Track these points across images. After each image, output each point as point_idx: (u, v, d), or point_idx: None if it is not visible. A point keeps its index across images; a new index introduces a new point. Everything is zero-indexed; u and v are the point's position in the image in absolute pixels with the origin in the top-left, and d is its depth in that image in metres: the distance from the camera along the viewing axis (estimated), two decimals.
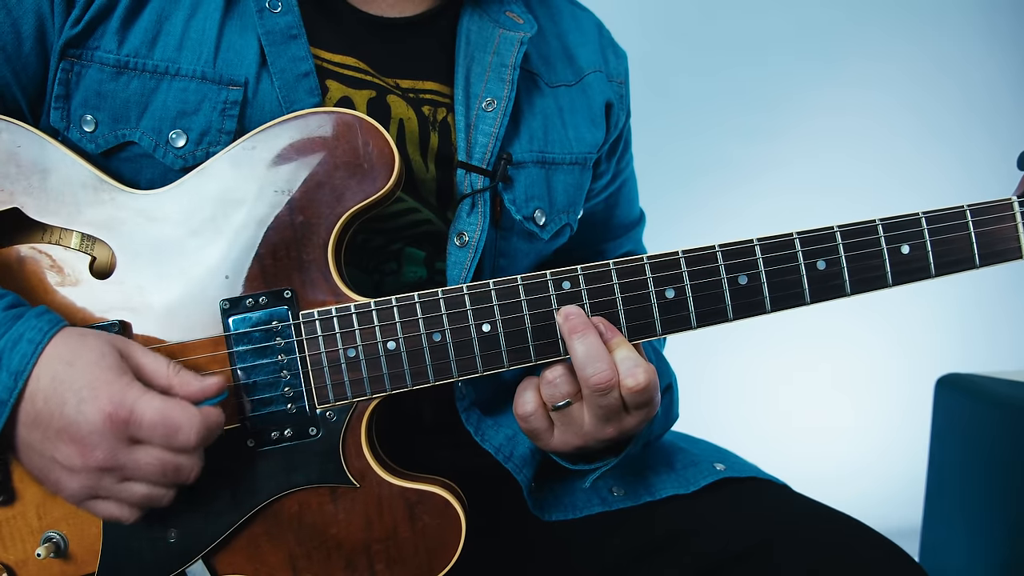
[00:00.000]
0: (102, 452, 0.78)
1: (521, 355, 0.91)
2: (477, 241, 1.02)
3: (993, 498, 1.75)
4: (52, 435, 0.79)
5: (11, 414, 0.79)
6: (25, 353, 0.79)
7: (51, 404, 0.78)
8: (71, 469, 0.79)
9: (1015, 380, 1.84)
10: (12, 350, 0.79)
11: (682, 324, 0.92)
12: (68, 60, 0.92)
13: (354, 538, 0.91)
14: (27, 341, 0.80)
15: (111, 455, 0.78)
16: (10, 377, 0.79)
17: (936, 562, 1.95)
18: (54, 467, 0.81)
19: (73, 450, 0.78)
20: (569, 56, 1.19)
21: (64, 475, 0.80)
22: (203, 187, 0.90)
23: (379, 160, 0.90)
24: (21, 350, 0.79)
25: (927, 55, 3.07)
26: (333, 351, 0.90)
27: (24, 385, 0.79)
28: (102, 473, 0.80)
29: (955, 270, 0.95)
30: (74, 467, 0.79)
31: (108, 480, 0.80)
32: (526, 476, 1.04)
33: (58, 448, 0.79)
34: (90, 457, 0.78)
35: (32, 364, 0.79)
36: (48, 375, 0.79)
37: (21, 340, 0.80)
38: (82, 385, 0.78)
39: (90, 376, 0.79)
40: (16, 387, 0.79)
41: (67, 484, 0.81)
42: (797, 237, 0.92)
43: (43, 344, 0.80)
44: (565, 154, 1.12)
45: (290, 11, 0.97)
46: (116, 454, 0.79)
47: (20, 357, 0.79)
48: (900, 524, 1.87)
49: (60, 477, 0.81)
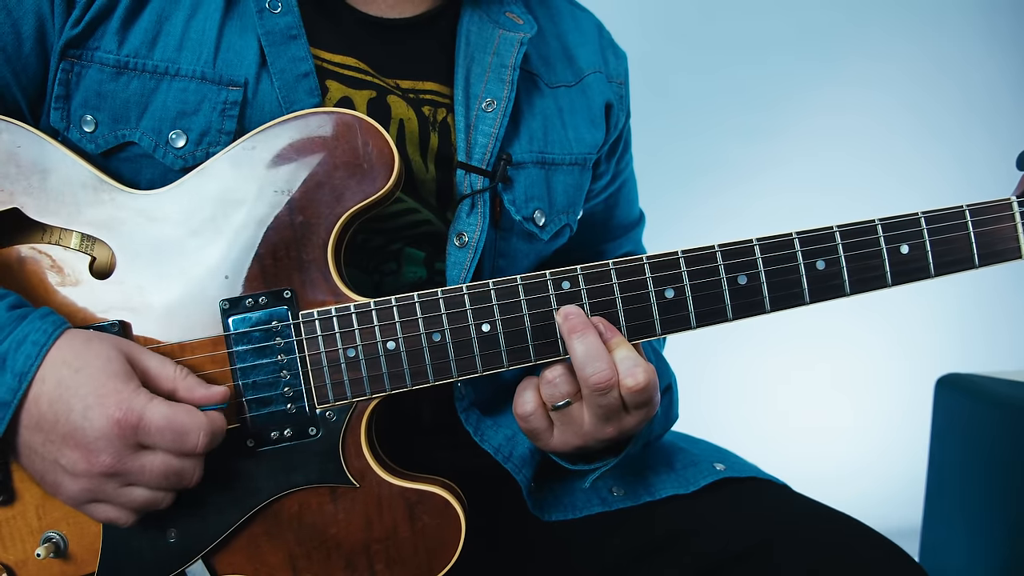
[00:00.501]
0: (108, 458, 0.79)
1: (521, 355, 0.91)
2: (477, 241, 1.02)
3: (993, 498, 1.75)
4: (56, 439, 0.79)
5: (14, 415, 0.80)
6: (29, 355, 0.79)
7: (56, 409, 0.79)
8: (74, 474, 0.80)
9: (1015, 380, 1.84)
10: (16, 351, 0.79)
11: (681, 324, 0.92)
12: (68, 60, 0.92)
13: (354, 538, 0.91)
14: (31, 343, 0.80)
15: (117, 461, 0.79)
16: (14, 378, 0.79)
17: (936, 562, 1.95)
18: (56, 470, 0.81)
19: (78, 455, 0.79)
20: (569, 57, 1.19)
21: (66, 479, 0.81)
22: (203, 187, 0.90)
23: (379, 160, 0.90)
24: (25, 351, 0.79)
25: (927, 55, 3.07)
26: (333, 351, 0.90)
27: (28, 387, 0.79)
28: (105, 479, 0.80)
29: (954, 270, 0.95)
30: (77, 472, 0.80)
31: (111, 485, 0.81)
32: (525, 476, 1.04)
33: (62, 453, 0.79)
34: (95, 463, 0.79)
35: (36, 366, 0.79)
36: (53, 379, 0.79)
37: (25, 341, 0.80)
38: (88, 391, 0.79)
39: (96, 383, 0.79)
40: (20, 388, 0.79)
41: (68, 487, 0.81)
42: (796, 237, 0.92)
43: (47, 346, 0.80)
44: (565, 155, 1.12)
45: (290, 11, 0.97)
46: (122, 460, 0.79)
47: (24, 358, 0.79)
48: (900, 524, 1.87)
49: (61, 480, 0.81)
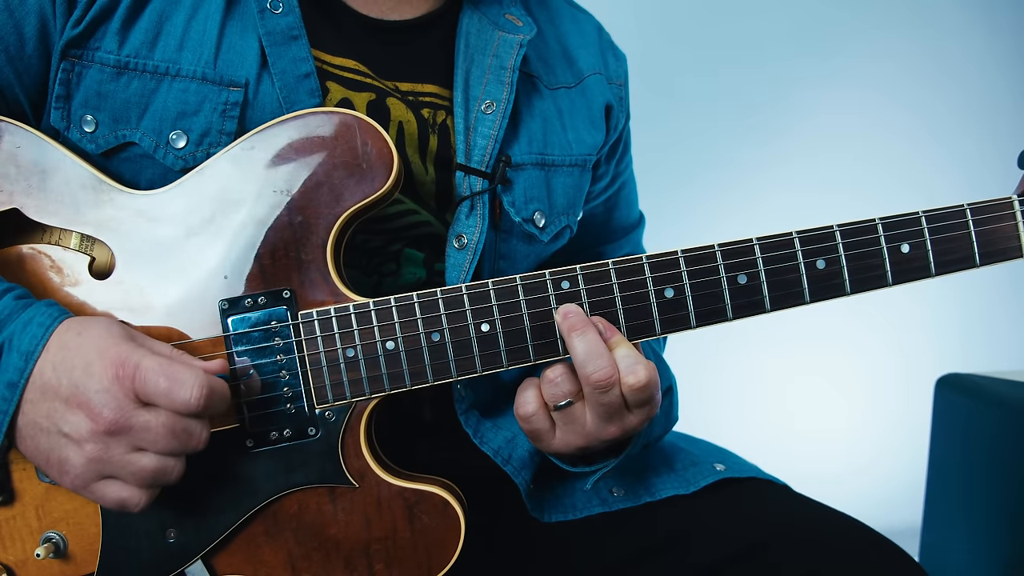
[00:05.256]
0: (110, 411, 0.78)
1: (520, 355, 0.91)
2: (476, 243, 1.02)
3: (993, 498, 1.75)
4: (60, 405, 0.79)
5: (21, 395, 0.80)
6: (35, 335, 0.80)
7: (59, 372, 0.79)
8: (79, 440, 0.78)
9: (1015, 380, 1.84)
10: (23, 332, 0.81)
11: (681, 324, 0.92)
12: (69, 60, 0.92)
13: (353, 538, 0.91)
14: (37, 324, 0.81)
15: (120, 414, 0.78)
16: (20, 358, 0.80)
17: (936, 562, 1.95)
18: (60, 444, 0.79)
19: (81, 415, 0.78)
20: (569, 58, 1.19)
21: (71, 450, 0.79)
22: (202, 187, 0.90)
23: (378, 160, 0.90)
24: (31, 332, 0.81)
25: (928, 55, 3.07)
26: (332, 351, 0.89)
27: (34, 366, 0.80)
28: (110, 439, 0.78)
29: (955, 269, 0.94)
30: (82, 436, 0.78)
31: (117, 450, 0.79)
32: (524, 479, 1.04)
33: (65, 419, 0.79)
34: (99, 419, 0.78)
35: (42, 346, 0.80)
36: (56, 345, 0.80)
37: (31, 323, 0.81)
38: (90, 349, 0.80)
39: (99, 341, 0.80)
40: (27, 368, 0.80)
41: (74, 460, 0.79)
42: (796, 236, 0.92)
43: (53, 327, 0.81)
44: (565, 156, 1.12)
45: (291, 12, 0.97)
46: (125, 413, 0.78)
47: (30, 339, 0.80)
48: (900, 524, 1.87)
49: (67, 455, 0.79)
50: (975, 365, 2.08)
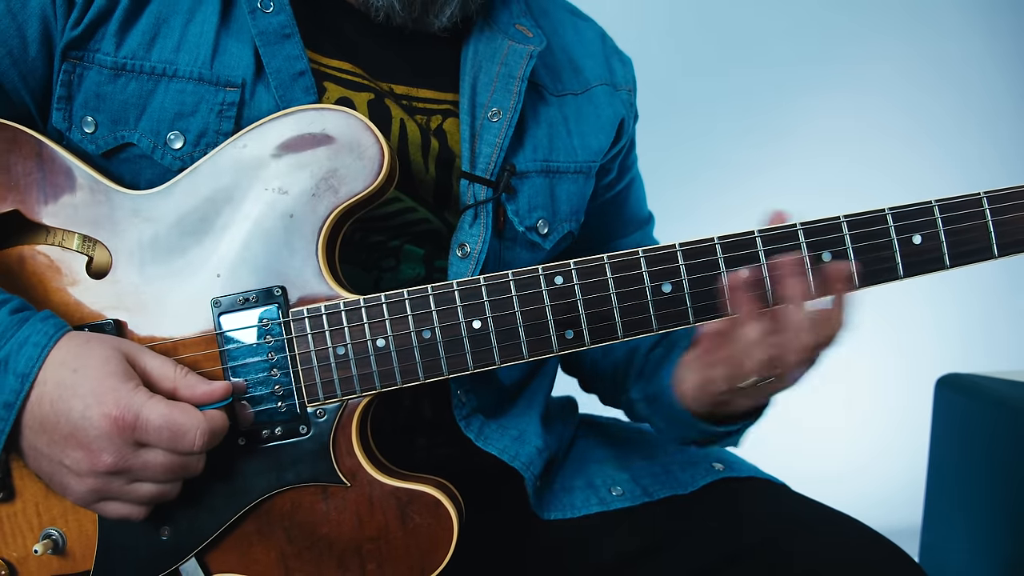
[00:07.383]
0: (110, 457, 0.79)
1: (512, 352, 0.90)
2: (479, 252, 1.01)
3: (993, 498, 1.74)
4: (59, 440, 0.80)
5: (17, 417, 0.81)
6: (31, 356, 0.80)
7: (57, 409, 0.79)
8: (79, 473, 0.80)
9: (1015, 380, 1.83)
10: (18, 353, 0.80)
11: (679, 319, 0.90)
12: (70, 62, 0.93)
13: (345, 537, 0.90)
14: (32, 344, 0.81)
15: (119, 459, 0.80)
16: (16, 380, 0.80)
17: (936, 562, 1.94)
18: (62, 471, 0.81)
19: (81, 455, 0.80)
20: (575, 68, 1.17)
21: (72, 479, 0.81)
22: (195, 186, 0.90)
23: (370, 156, 0.90)
24: (27, 353, 0.80)
25: (927, 57, 3.07)
26: (322, 349, 0.89)
27: (30, 388, 0.80)
28: (111, 477, 0.81)
29: (971, 261, 0.89)
30: (82, 471, 0.80)
31: (117, 483, 0.81)
32: (533, 473, 1.04)
33: (66, 453, 0.80)
34: (98, 462, 0.79)
35: (38, 367, 0.80)
36: (53, 380, 0.80)
37: (27, 343, 0.81)
38: (87, 391, 0.79)
39: (95, 382, 0.80)
40: (23, 390, 0.80)
41: (75, 488, 0.82)
42: (801, 228, 0.88)
43: (48, 347, 0.81)
44: (570, 162, 1.12)
45: (282, 10, 0.97)
46: (124, 458, 0.80)
47: (26, 360, 0.80)
48: (900, 524, 1.86)
49: (68, 481, 0.82)
50: (975, 365, 2.07)
